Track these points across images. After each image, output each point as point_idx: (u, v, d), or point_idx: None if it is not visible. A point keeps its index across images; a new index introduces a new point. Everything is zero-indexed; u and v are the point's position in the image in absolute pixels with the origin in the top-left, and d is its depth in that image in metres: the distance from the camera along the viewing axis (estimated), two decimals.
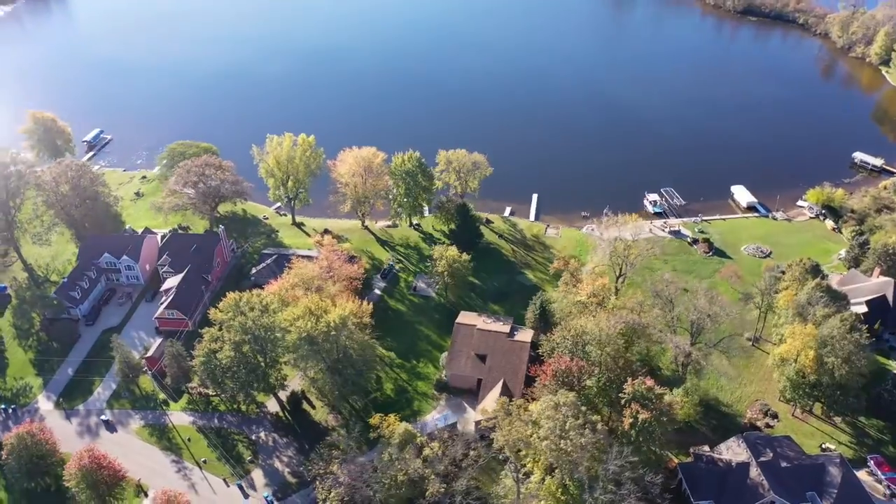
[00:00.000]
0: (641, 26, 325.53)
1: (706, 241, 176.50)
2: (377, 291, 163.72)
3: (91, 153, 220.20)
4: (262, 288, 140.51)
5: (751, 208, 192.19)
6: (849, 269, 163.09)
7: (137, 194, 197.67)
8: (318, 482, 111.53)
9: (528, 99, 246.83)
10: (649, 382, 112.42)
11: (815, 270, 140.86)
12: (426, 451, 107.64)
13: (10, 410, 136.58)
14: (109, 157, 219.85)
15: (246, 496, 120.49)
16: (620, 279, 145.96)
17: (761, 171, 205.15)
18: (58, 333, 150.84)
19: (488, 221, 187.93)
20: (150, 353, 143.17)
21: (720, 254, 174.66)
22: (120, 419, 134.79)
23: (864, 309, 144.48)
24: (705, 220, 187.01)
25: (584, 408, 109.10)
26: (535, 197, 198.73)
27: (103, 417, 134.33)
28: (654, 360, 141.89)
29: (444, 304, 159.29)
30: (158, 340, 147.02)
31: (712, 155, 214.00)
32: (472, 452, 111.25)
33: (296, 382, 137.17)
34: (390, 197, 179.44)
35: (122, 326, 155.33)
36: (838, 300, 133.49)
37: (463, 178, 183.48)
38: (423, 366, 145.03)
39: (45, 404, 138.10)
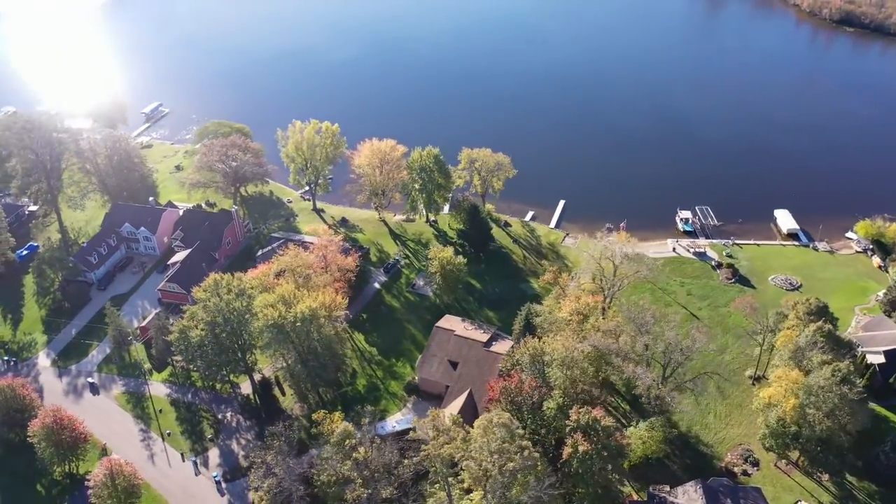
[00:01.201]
0: (727, 32, 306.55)
1: (730, 266, 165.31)
2: (376, 285, 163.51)
3: (147, 125, 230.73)
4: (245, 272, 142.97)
5: (791, 235, 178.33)
6: (884, 312, 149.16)
7: (177, 168, 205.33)
8: (252, 470, 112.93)
9: (577, 100, 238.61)
10: (596, 412, 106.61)
11: (822, 312, 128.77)
12: (355, 454, 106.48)
13: (12, 363, 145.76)
14: (162, 130, 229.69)
15: (197, 473, 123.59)
16: (607, 300, 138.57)
17: (814, 197, 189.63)
18: (71, 295, 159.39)
19: (506, 224, 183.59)
20: (143, 324, 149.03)
21: (744, 282, 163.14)
22: (104, 383, 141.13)
23: (880, 359, 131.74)
24: (737, 244, 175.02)
25: (520, 430, 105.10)
26: (561, 203, 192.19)
27: (90, 380, 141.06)
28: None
29: (437, 305, 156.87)
30: (154, 311, 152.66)
31: (763, 174, 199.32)
32: (405, 461, 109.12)
33: (270, 368, 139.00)
34: (406, 191, 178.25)
35: (129, 294, 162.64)
36: (841, 348, 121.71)
37: (485, 178, 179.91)
38: (400, 365, 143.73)
39: (43, 360, 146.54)
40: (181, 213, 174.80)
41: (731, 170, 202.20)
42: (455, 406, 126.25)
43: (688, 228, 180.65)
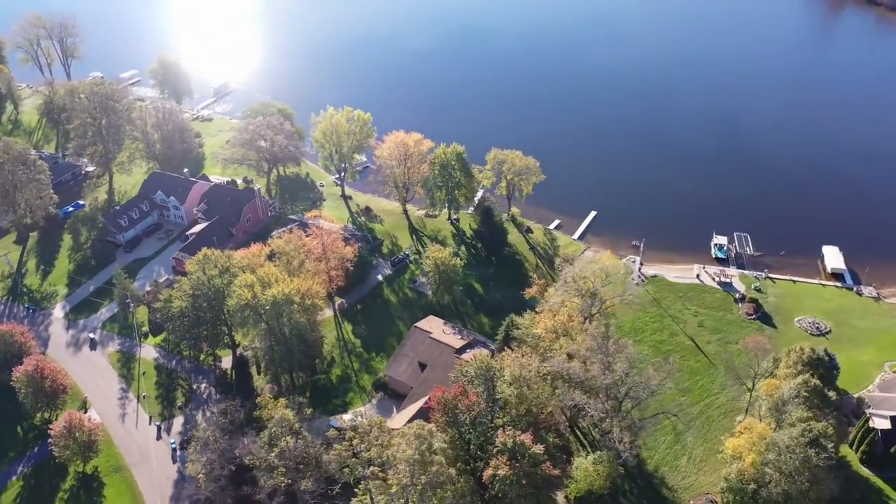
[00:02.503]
0: (837, 44, 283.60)
1: (753, 301, 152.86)
2: (379, 277, 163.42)
3: (213, 99, 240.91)
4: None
5: (836, 275, 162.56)
6: None
7: (228, 143, 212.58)
8: (191, 442, 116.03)
9: (638, 107, 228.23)
10: (525, 437, 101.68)
11: (816, 363, 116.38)
12: (281, 444, 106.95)
13: (32, 311, 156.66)
14: (226, 105, 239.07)
15: (158, 437, 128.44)
16: (587, 320, 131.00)
17: (874, 236, 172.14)
18: (98, 254, 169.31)
19: (528, 230, 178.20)
20: (150, 288, 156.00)
21: (766, 319, 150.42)
22: (104, 340, 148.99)
23: (885, 425, 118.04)
24: (770, 278, 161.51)
25: (442, 444, 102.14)
26: (592, 215, 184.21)
27: (91, 335, 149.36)
28: None
29: (433, 305, 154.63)
30: (164, 277, 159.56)
31: (821, 205, 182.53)
32: (325, 457, 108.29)
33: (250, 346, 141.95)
34: (428, 187, 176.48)
35: (150, 259, 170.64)
36: (826, 406, 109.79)
37: (511, 181, 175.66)
38: (378, 360, 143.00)
39: (58, 312, 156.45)
40: (210, 186, 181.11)
41: (785, 196, 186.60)
42: (412, 409, 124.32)
43: (721, 255, 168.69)
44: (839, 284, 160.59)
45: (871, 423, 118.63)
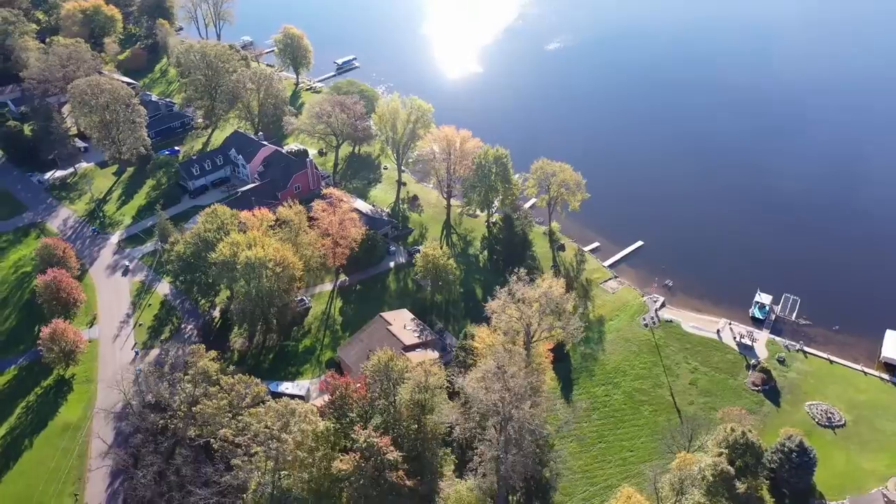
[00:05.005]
0: None
1: (765, 372, 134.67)
2: (391, 264, 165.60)
3: (333, 73, 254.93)
4: None
5: (889, 366, 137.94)
6: None
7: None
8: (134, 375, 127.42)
9: (730, 136, 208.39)
10: (383, 441, 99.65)
11: (744, 450, 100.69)
12: (182, 388, 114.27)
13: (96, 233, 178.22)
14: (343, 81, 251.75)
15: (132, 362, 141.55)
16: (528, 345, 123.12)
17: None
18: (169, 196, 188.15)
19: (561, 247, 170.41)
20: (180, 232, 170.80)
21: (772, 395, 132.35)
22: (135, 270, 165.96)
23: None
24: (803, 351, 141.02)
25: (305, 427, 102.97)
26: (637, 244, 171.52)
27: (127, 263, 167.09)
28: None
29: (424, 301, 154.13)
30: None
31: None
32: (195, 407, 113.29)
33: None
34: (466, 185, 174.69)
35: (206, 207, 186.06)
36: (731, 499, 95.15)
37: (554, 195, 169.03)
38: (346, 341, 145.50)
39: (115, 238, 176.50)
40: (272, 151, 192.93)
41: (864, 265, 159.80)
42: None
43: (760, 315, 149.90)
44: (886, 377, 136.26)
45: None
